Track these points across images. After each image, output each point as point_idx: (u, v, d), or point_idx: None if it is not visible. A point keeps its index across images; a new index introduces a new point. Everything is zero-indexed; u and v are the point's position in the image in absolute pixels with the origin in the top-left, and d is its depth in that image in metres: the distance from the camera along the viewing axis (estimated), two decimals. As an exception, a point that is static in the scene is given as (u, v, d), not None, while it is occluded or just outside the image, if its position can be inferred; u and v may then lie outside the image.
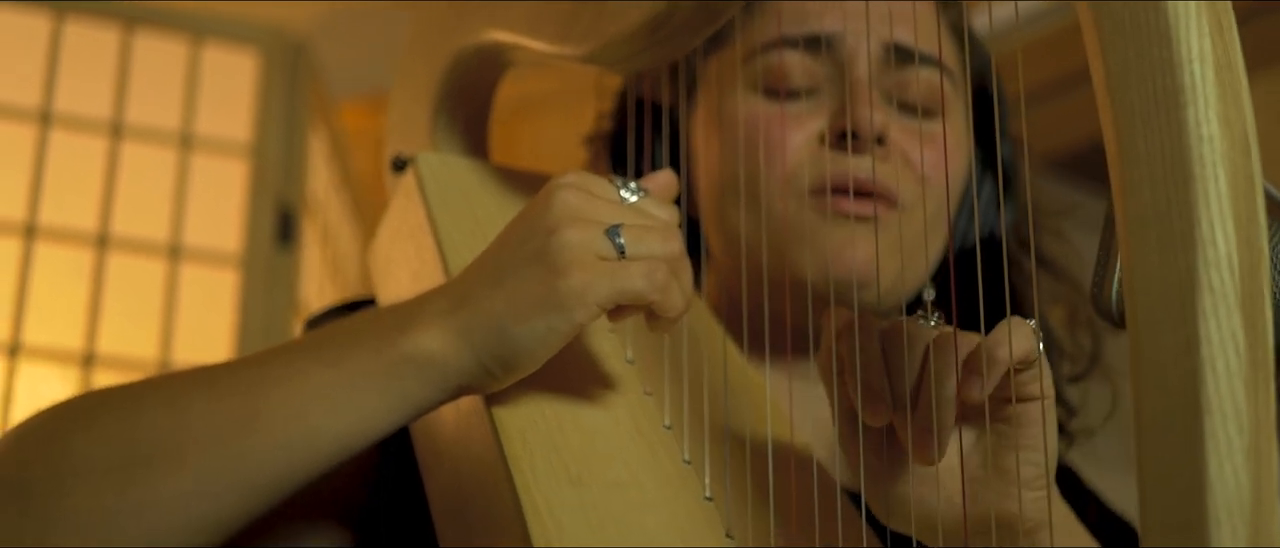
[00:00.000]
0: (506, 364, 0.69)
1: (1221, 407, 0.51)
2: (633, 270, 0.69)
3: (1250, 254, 0.52)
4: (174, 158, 2.45)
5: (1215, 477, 0.50)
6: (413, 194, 0.90)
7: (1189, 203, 0.52)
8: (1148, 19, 0.53)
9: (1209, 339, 0.51)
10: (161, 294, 2.37)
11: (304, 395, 0.68)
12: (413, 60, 1.01)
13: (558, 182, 0.72)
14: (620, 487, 0.71)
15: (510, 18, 0.90)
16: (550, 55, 0.86)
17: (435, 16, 0.99)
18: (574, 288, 0.68)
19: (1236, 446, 0.50)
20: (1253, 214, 0.53)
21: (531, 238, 0.69)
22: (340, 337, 0.71)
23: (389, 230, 0.93)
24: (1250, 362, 0.51)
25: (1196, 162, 0.52)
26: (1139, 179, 0.53)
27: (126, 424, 0.69)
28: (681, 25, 0.79)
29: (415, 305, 0.71)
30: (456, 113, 0.99)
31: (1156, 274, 0.53)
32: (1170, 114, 0.53)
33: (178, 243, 2.41)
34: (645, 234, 0.70)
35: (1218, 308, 0.51)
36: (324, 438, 0.68)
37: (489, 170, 0.95)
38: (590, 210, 0.70)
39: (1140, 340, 0.53)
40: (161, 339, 2.35)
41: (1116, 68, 0.54)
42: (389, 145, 1.02)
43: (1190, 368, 0.51)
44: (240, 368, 0.71)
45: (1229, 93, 0.53)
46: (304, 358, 0.70)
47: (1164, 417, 0.52)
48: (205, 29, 2.51)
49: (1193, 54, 0.52)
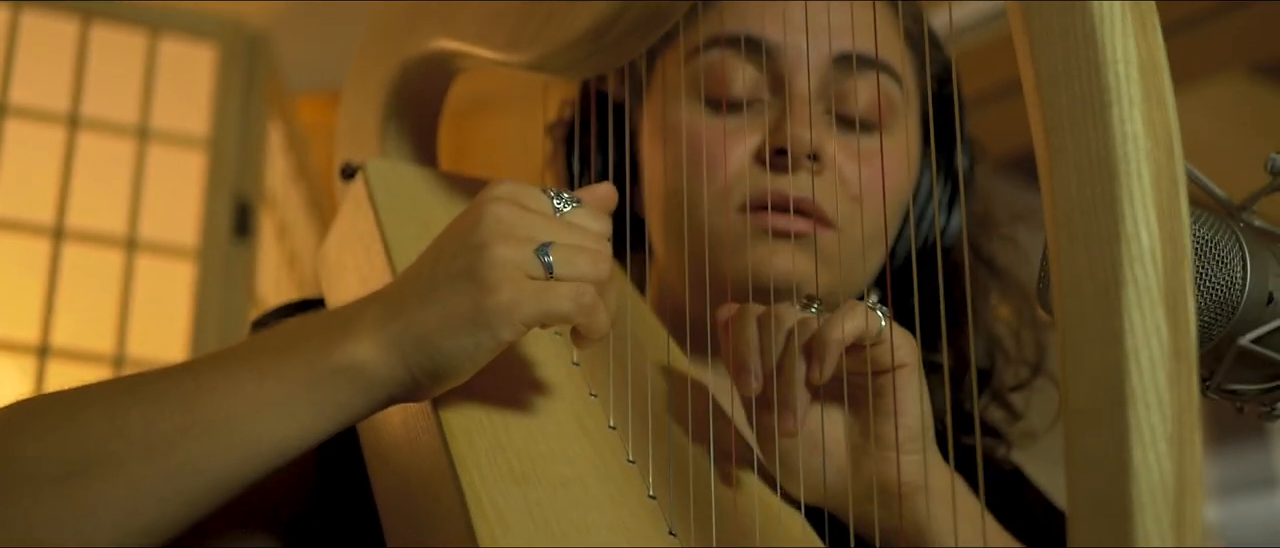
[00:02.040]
0: (435, 376, 0.71)
1: (1145, 397, 0.52)
2: (560, 292, 0.70)
3: (1173, 250, 0.54)
4: (131, 150, 2.42)
5: (1140, 465, 0.51)
6: (361, 201, 0.90)
7: (1113, 199, 0.53)
8: (1074, 21, 0.55)
9: (1133, 331, 0.52)
10: (117, 287, 2.35)
11: (239, 406, 0.70)
12: (363, 66, 1.02)
13: (490, 193, 0.73)
14: (565, 485, 0.72)
15: (460, 26, 0.90)
16: (499, 63, 0.87)
17: (386, 24, 0.99)
18: (501, 306, 0.69)
19: (1160, 434, 0.52)
20: (1176, 210, 0.54)
21: (462, 253, 0.70)
22: (277, 344, 0.72)
23: (338, 236, 0.94)
24: (1173, 353, 0.53)
25: (1121, 159, 0.54)
26: (1066, 177, 0.55)
27: (67, 432, 0.70)
28: (625, 31, 0.80)
29: (350, 313, 0.72)
30: (406, 119, 0.99)
31: (1083, 269, 0.54)
32: (1096, 114, 0.54)
33: (134, 235, 2.39)
34: (575, 255, 0.71)
35: (1141, 301, 0.53)
36: (259, 446, 0.70)
37: (438, 177, 0.96)
38: (521, 226, 0.71)
39: (1067, 333, 0.54)
40: (117, 332, 2.33)
41: (1045, 69, 0.55)
42: (338, 151, 1.02)
43: (1115, 359, 0.53)
44: (179, 376, 0.72)
45: (1153, 93, 0.54)
46: (240, 367, 0.71)
47: (1090, 406, 0.53)
48: (163, 22, 2.49)
49: (1118, 55, 0.54)
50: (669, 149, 0.95)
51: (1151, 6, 0.55)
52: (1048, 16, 0.55)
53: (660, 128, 0.96)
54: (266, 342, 0.73)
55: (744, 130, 0.92)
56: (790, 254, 0.90)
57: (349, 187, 0.95)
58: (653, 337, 0.89)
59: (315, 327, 0.73)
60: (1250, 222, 0.71)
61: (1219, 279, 0.68)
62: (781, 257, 0.90)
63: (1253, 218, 0.72)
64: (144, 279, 2.36)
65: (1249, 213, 0.71)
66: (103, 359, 2.33)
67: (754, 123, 0.93)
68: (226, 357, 0.73)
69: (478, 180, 0.97)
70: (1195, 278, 0.66)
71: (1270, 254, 0.70)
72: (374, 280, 0.85)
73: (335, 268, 0.93)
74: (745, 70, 0.93)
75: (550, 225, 0.72)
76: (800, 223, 0.91)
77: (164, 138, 2.46)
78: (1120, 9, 0.54)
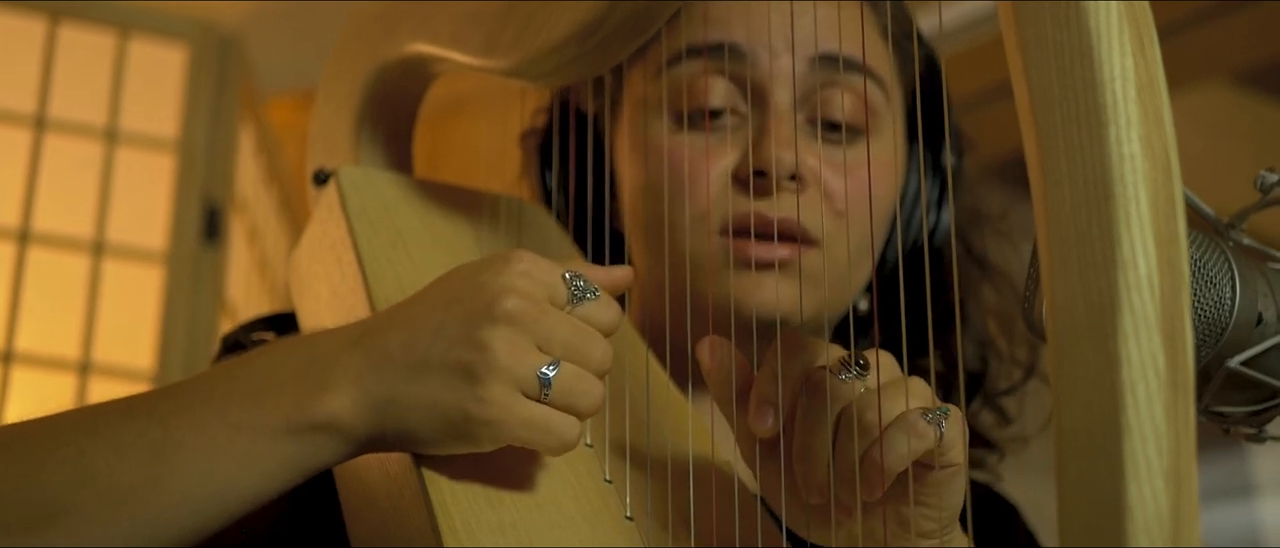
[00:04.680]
0: (410, 444, 0.70)
1: (1141, 429, 0.51)
2: (551, 426, 0.68)
3: (1171, 276, 0.52)
4: (99, 152, 2.40)
5: (1135, 500, 0.50)
6: (333, 208, 0.88)
7: (1110, 223, 0.52)
8: (1070, 38, 0.53)
9: (1129, 361, 0.51)
10: (84, 291, 2.33)
11: (208, 458, 0.68)
12: (337, 69, 1.00)
13: (507, 275, 0.70)
14: (539, 506, 0.70)
15: (436, 29, 0.88)
16: (476, 68, 0.85)
17: (361, 26, 0.98)
18: (488, 421, 0.67)
19: (1156, 468, 0.50)
20: (1174, 235, 0.53)
21: (463, 343, 0.68)
22: (249, 387, 0.70)
23: (309, 244, 0.92)
24: (1170, 384, 0.51)
25: (1117, 182, 0.52)
26: (1061, 199, 0.53)
27: (31, 480, 0.68)
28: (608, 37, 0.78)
29: (328, 357, 0.70)
30: (380, 124, 0.97)
31: (1077, 294, 0.52)
32: (1092, 133, 0.52)
33: (101, 239, 2.37)
34: (576, 383, 0.69)
35: (1138, 329, 0.51)
36: (228, 499, 0.68)
37: (413, 184, 0.94)
38: (531, 328, 0.68)
39: (1061, 361, 0.53)
40: (83, 338, 2.31)
41: (1039, 87, 0.53)
42: (311, 157, 1.00)
43: (1110, 389, 0.51)
44: (145, 421, 0.70)
45: (1151, 113, 0.53)
46: (210, 415, 0.69)
47: (1084, 438, 0.51)
48: (133, 22, 2.47)
49: (1115, 73, 0.52)
50: (645, 167, 0.92)
51: (1149, 23, 0.53)
52: (1042, 33, 0.53)
53: (635, 144, 0.94)
54: (236, 382, 0.71)
55: (722, 147, 0.90)
56: (774, 285, 0.88)
57: (321, 193, 0.93)
58: (633, 354, 0.87)
59: (290, 369, 0.70)
60: (1239, 240, 0.70)
61: (1208, 300, 0.67)
62: (766, 288, 0.88)
63: (1241, 237, 0.70)
64: (111, 284, 2.35)
65: (1237, 231, 0.70)
66: (68, 365, 2.31)
67: (732, 138, 0.90)
68: (194, 398, 0.71)
69: (453, 188, 0.95)
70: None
71: (1259, 274, 0.69)
72: (345, 291, 0.83)
73: (306, 277, 0.92)
74: (720, 82, 0.90)
75: (560, 326, 0.70)
76: (783, 250, 0.88)
77: (133, 140, 2.44)
78: (1118, 25, 0.52)
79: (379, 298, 0.80)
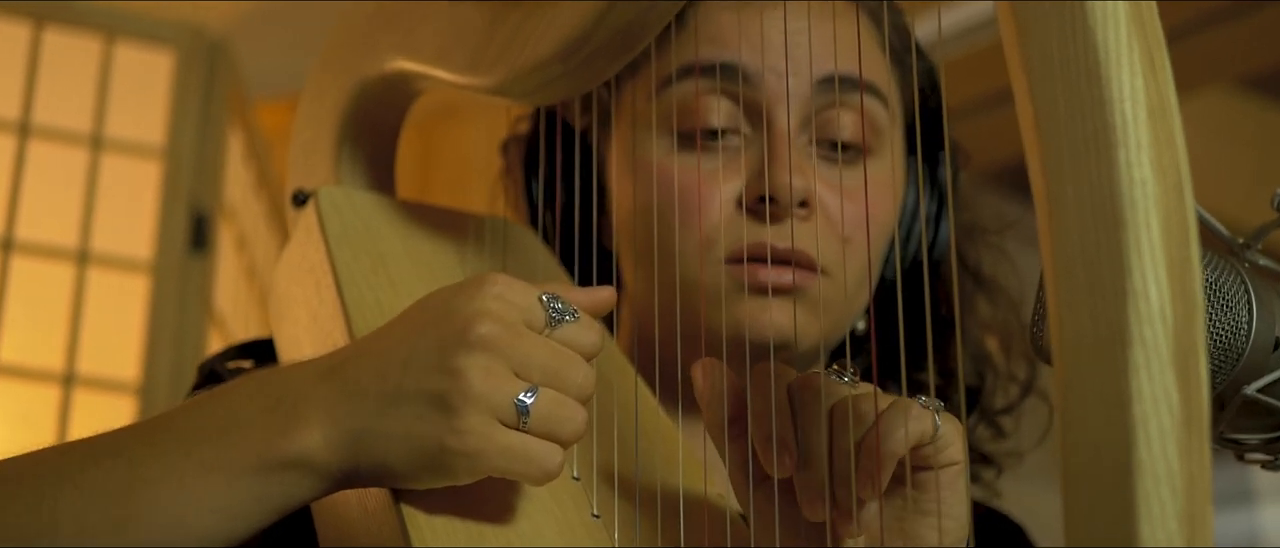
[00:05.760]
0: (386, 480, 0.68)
1: (1154, 469, 0.48)
2: (530, 455, 0.66)
3: (1185, 305, 0.50)
4: (84, 159, 2.38)
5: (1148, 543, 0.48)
6: (312, 230, 0.87)
7: (1119, 251, 0.50)
8: (1077, 55, 0.50)
9: (1141, 397, 0.49)
10: (68, 301, 2.31)
11: (177, 500, 0.67)
12: (319, 85, 0.98)
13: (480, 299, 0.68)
14: (523, 540, 0.68)
15: (419, 45, 0.87)
16: (460, 86, 0.83)
17: (343, 40, 0.96)
18: (465, 453, 0.65)
19: (1170, 510, 0.48)
20: (1187, 262, 0.50)
21: (437, 372, 0.66)
22: (218, 425, 0.68)
23: (288, 267, 0.90)
24: (1184, 421, 0.49)
25: (1127, 206, 0.50)
26: (1067, 225, 0.51)
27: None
28: (594, 54, 0.76)
29: (299, 391, 0.68)
30: (361, 143, 0.95)
31: (1085, 326, 0.50)
32: (1100, 156, 0.50)
33: (86, 248, 2.35)
34: (556, 409, 0.67)
35: (1150, 364, 0.49)
36: (199, 540, 0.67)
37: (395, 206, 0.92)
38: (507, 353, 0.66)
39: (1068, 397, 0.51)
40: (67, 349, 2.29)
41: (1045, 107, 0.51)
42: (291, 175, 0.99)
43: (1121, 427, 0.49)
44: (111, 463, 0.68)
45: (1162, 134, 0.51)
46: (179, 456, 0.67)
47: (1093, 478, 0.49)
48: (119, 26, 2.45)
49: (1124, 93, 0.50)
50: (642, 190, 0.90)
51: (1160, 40, 0.51)
52: (1048, 51, 0.51)
53: (631, 164, 0.91)
54: (206, 418, 0.69)
55: (721, 172, 0.88)
56: (779, 309, 0.86)
57: (300, 215, 0.91)
58: (622, 381, 0.84)
59: (260, 405, 0.69)
60: (1255, 261, 0.68)
61: (1223, 324, 0.65)
62: (771, 313, 0.86)
63: (1257, 257, 0.68)
64: (96, 294, 2.33)
65: (1253, 252, 0.67)
66: (52, 377, 2.30)
67: (734, 163, 0.88)
68: (161, 437, 0.69)
69: (437, 209, 0.93)
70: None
71: (1276, 295, 0.67)
72: (324, 317, 0.82)
73: (284, 300, 0.90)
74: (721, 103, 0.88)
75: (538, 351, 0.67)
76: (788, 275, 0.86)
77: (118, 146, 2.42)
78: (1126, 42, 0.50)
79: (359, 324, 0.78)
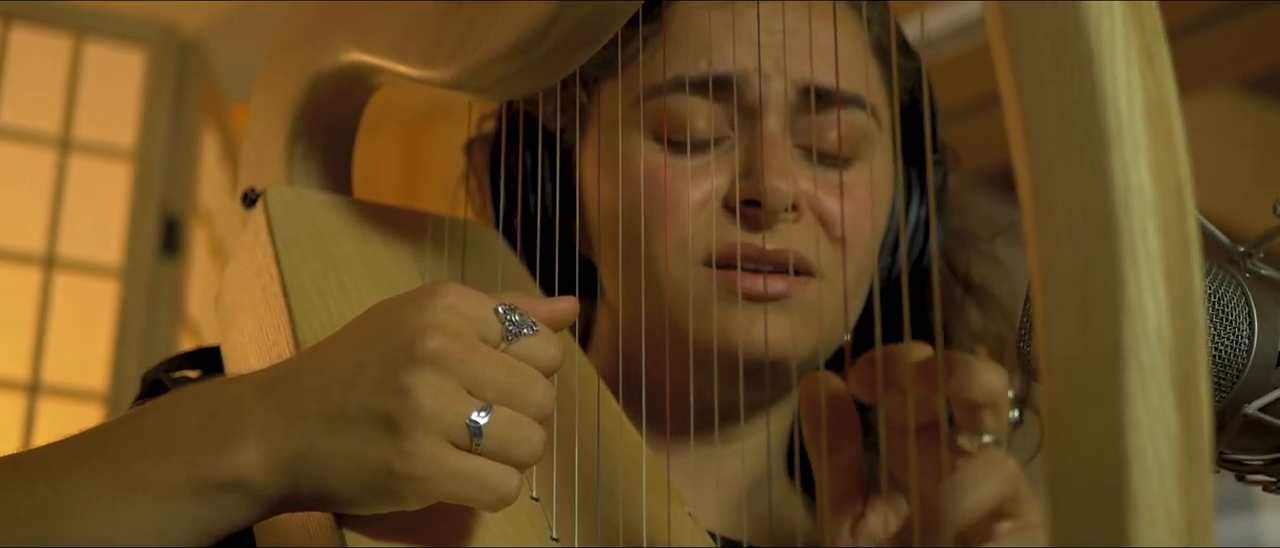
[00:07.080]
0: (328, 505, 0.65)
1: (1151, 505, 0.45)
2: (484, 479, 0.63)
3: (1185, 322, 0.46)
4: (51, 161, 2.37)
5: (1146, 588, 0.45)
6: (260, 232, 0.83)
7: (1113, 263, 0.46)
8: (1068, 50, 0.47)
9: (1137, 426, 0.45)
10: (34, 308, 2.29)
11: (104, 523, 0.64)
12: (270, 79, 0.95)
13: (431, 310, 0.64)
14: None
15: (374, 38, 0.83)
16: (416, 80, 0.80)
17: (294, 33, 0.93)
18: (413, 477, 0.62)
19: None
20: (1187, 275, 0.47)
21: (383, 390, 0.62)
22: (149, 442, 0.65)
23: (236, 272, 0.86)
24: (1184, 452, 0.46)
25: (1122, 213, 0.46)
26: (1056, 235, 0.47)
27: None
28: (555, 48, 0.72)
29: (237, 408, 0.65)
30: (315, 140, 0.91)
31: (1076, 346, 0.47)
32: (1093, 159, 0.46)
33: (53, 252, 2.33)
34: (512, 430, 0.63)
35: (1147, 387, 0.46)
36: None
37: (349, 206, 0.88)
38: (459, 370, 0.63)
39: (1058, 424, 0.47)
40: (33, 357, 2.27)
41: (1033, 107, 0.47)
42: (242, 174, 0.95)
43: (1115, 458, 0.45)
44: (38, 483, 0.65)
45: (1160, 134, 0.47)
46: (108, 476, 0.64)
47: (1083, 516, 0.46)
48: (89, 25, 2.43)
49: (1119, 90, 0.46)
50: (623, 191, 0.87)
51: (1158, 32, 0.47)
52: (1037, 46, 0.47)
53: (607, 163, 0.88)
54: (137, 435, 0.67)
55: (708, 169, 0.85)
56: (768, 320, 0.82)
57: (248, 216, 0.87)
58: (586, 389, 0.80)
59: (194, 421, 0.66)
60: (1256, 270, 0.64)
61: (1224, 340, 0.63)
62: (760, 325, 0.82)
63: (1258, 266, 0.64)
64: (63, 300, 2.31)
65: (1254, 261, 0.64)
66: (17, 386, 2.28)
67: (719, 162, 0.85)
68: (90, 455, 0.66)
69: (395, 209, 0.90)
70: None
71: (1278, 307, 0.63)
72: (270, 325, 0.78)
73: (232, 308, 0.86)
74: (709, 108, 0.85)
75: (492, 367, 0.64)
76: (778, 283, 0.83)
77: (87, 148, 2.40)
78: (1122, 36, 0.46)
79: (305, 334, 0.75)
